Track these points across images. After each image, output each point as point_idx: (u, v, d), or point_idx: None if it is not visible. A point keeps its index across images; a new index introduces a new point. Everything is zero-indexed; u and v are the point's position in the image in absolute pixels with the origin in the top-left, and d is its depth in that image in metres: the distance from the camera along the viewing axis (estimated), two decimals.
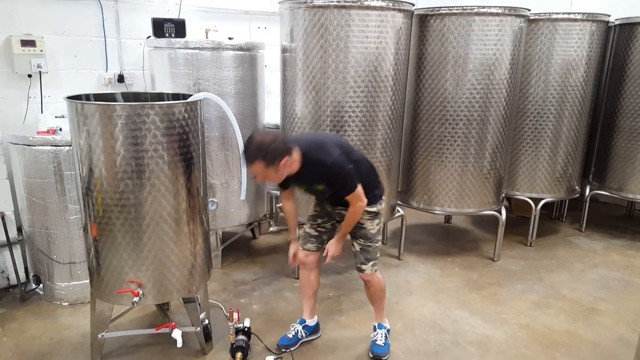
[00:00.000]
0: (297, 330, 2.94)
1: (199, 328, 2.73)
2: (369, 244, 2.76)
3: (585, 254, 4.41)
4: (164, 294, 2.56)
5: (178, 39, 3.61)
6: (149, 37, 3.84)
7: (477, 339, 3.04)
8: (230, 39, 3.72)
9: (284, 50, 3.63)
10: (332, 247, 2.75)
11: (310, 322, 3.01)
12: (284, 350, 2.86)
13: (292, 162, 2.45)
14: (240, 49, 3.68)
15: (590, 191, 4.91)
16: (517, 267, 4.12)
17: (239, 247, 4.38)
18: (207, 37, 3.82)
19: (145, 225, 2.39)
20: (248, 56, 3.75)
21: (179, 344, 2.59)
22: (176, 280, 2.56)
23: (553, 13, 4.22)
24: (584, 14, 4.21)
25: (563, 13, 4.22)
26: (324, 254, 2.77)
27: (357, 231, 2.74)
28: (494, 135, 3.97)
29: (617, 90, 4.66)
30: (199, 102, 2.53)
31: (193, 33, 4.11)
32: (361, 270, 2.80)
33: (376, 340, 2.87)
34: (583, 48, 4.28)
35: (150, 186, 2.36)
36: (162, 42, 3.58)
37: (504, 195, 4.36)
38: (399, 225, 4.21)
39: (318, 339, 3.02)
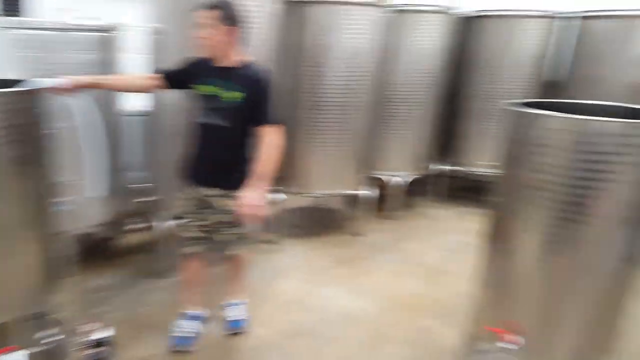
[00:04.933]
0: (194, 326, 2.80)
1: (46, 347, 2.48)
2: (243, 230, 2.68)
3: (437, 223, 4.91)
4: None
5: (19, 18, 3.16)
6: None
7: (346, 311, 3.21)
8: (82, 19, 3.37)
9: (153, 32, 3.42)
10: (251, 199, 2.31)
11: (202, 312, 2.91)
12: (185, 350, 2.70)
13: (238, 43, 2.37)
14: (94, 30, 3.32)
15: (441, 166, 5.44)
16: (382, 240, 4.43)
17: (97, 250, 4.04)
18: (58, 17, 3.41)
19: None
20: (103, 38, 3.41)
21: None
22: (13, 297, 2.28)
23: (411, 5, 4.55)
24: (437, 6, 4.60)
25: (419, 5, 4.57)
26: (239, 211, 2.38)
27: (233, 219, 2.59)
28: (362, 120, 4.19)
29: (463, 75, 5.17)
30: (36, 90, 2.25)
31: (41, 11, 3.64)
32: (234, 256, 2.75)
33: (229, 316, 2.86)
34: (436, 38, 4.68)
35: None
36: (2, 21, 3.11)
37: (370, 175, 4.64)
38: (277, 210, 4.26)
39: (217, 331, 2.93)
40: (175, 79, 2.55)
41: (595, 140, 1.67)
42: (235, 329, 2.87)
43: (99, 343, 2.55)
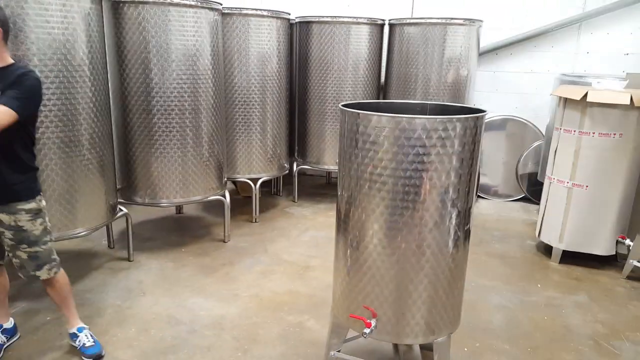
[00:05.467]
0: None
1: None
2: (36, 249, 2.50)
3: (299, 221, 5.08)
4: None
5: None
6: None
7: (213, 320, 3.16)
8: None
9: None
10: None
11: (9, 324, 2.85)
12: None
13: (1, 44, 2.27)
14: None
15: (297, 166, 5.66)
16: (246, 243, 4.44)
17: None
18: None
19: None
20: None
21: None
22: None
23: (244, 8, 4.61)
24: (269, 10, 4.73)
25: (252, 9, 4.65)
26: None
27: (17, 237, 2.45)
28: (208, 124, 4.12)
29: (304, 78, 5.44)
30: None
31: None
32: (37, 278, 2.58)
33: (84, 344, 2.73)
34: (273, 42, 4.82)
35: None
36: None
37: (226, 179, 4.61)
38: (125, 225, 3.99)
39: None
40: None
41: (409, 135, 1.89)
42: (92, 356, 2.70)
43: None
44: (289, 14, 5.02)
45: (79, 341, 2.74)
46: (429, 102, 2.52)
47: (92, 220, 3.46)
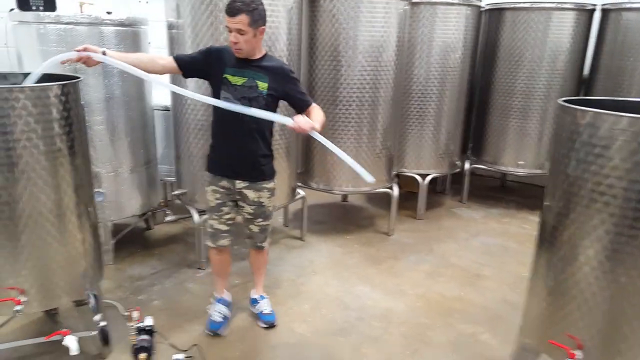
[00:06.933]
0: (222, 311, 2.95)
1: (95, 332, 2.50)
2: (267, 222, 2.83)
3: (467, 224, 4.81)
4: (51, 298, 2.32)
5: (48, 13, 3.18)
6: (12, 9, 3.33)
7: (380, 312, 3.17)
8: (108, 13, 3.37)
9: (171, 26, 3.41)
10: (302, 119, 2.35)
11: (229, 297, 3.07)
12: (219, 333, 2.84)
13: (261, 39, 2.47)
14: (121, 24, 3.36)
15: (469, 165, 5.34)
16: (410, 239, 4.37)
17: (132, 240, 4.07)
18: (82, 11, 3.42)
19: (22, 225, 2.11)
20: (130, 32, 3.45)
21: (74, 351, 2.34)
22: (64, 283, 2.31)
23: None
24: None
25: None
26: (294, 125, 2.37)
27: (257, 212, 2.73)
28: (384, 116, 4.12)
29: (489, 70, 5.07)
30: (77, 83, 2.29)
31: (65, 6, 3.65)
32: (261, 248, 2.91)
33: (263, 310, 2.98)
34: (460, 31, 4.59)
35: (26, 180, 2.08)
36: (29, 15, 3.14)
37: (395, 172, 4.58)
38: (300, 207, 4.23)
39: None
40: (194, 67, 2.56)
41: None
42: (269, 322, 2.95)
43: (142, 330, 2.57)
44: (480, 1, 4.73)
45: (259, 307, 2.99)
46: None
47: (277, 199, 3.73)
